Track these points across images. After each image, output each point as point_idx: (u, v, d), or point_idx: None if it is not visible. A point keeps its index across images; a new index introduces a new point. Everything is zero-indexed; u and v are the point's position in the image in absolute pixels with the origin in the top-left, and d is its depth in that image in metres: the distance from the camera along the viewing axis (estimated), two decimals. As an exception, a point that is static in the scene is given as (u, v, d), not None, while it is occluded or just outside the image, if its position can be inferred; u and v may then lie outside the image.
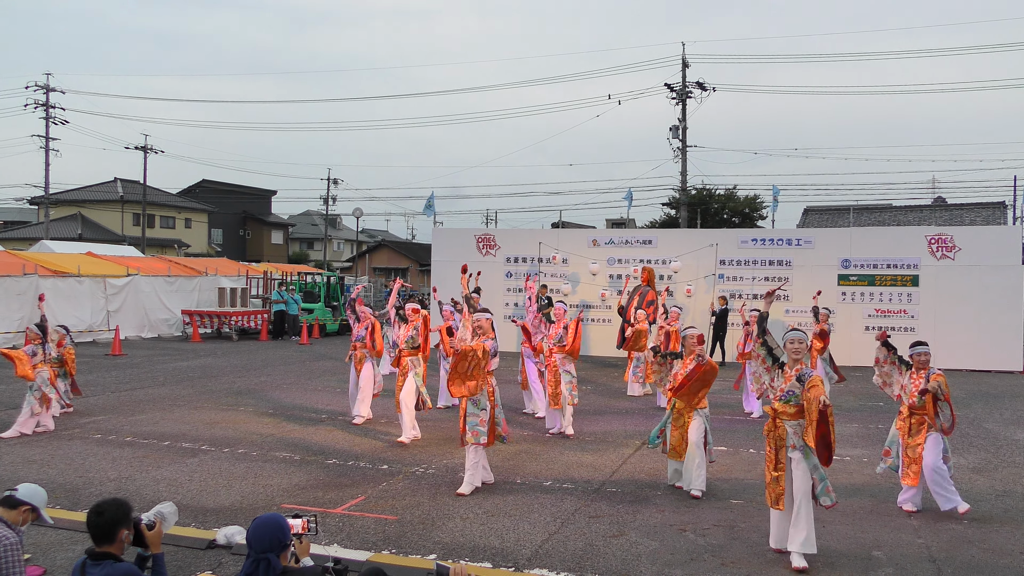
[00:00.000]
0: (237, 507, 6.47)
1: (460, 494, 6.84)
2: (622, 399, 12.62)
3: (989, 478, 7.76)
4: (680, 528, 6.06)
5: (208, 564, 5.20)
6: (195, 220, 51.11)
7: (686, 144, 30.70)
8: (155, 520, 3.65)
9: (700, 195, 39.93)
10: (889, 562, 5.38)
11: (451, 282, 19.52)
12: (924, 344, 6.76)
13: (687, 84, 30.21)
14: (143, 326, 22.53)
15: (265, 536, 3.23)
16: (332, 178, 49.16)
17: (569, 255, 19.28)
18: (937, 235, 17.36)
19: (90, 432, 9.39)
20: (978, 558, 5.49)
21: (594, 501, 6.79)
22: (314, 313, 25.13)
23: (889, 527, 6.12)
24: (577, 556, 5.42)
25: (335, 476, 7.51)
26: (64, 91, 37.68)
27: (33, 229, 42.87)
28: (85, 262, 21.95)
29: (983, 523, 6.26)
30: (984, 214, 34.19)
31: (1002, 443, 9.49)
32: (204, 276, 24.98)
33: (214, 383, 13.65)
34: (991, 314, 16.58)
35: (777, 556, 5.39)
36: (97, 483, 7.14)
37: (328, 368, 16.20)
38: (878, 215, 36.42)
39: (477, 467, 7.00)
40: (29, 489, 4.11)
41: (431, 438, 9.28)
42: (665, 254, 18.74)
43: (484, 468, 7.13)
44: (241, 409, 11.09)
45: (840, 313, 17.19)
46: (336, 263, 58.79)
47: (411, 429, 9.07)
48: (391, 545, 5.60)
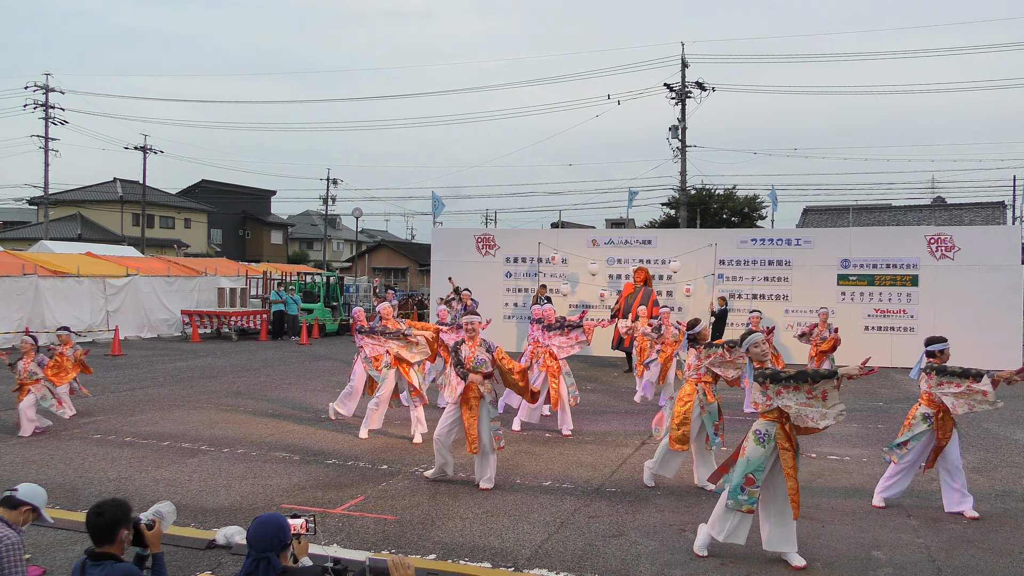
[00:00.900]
0: (237, 507, 6.47)
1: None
2: (622, 399, 12.62)
3: (989, 478, 7.76)
4: (680, 528, 6.06)
5: (208, 564, 5.20)
6: (194, 220, 51.10)
7: (685, 144, 30.72)
8: (154, 520, 3.66)
9: (700, 195, 39.96)
10: (888, 562, 5.38)
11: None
12: (943, 340, 6.75)
13: (686, 84, 30.22)
14: (143, 326, 22.53)
15: (265, 535, 3.23)
16: (331, 178, 49.17)
17: (568, 255, 19.28)
18: (936, 235, 17.36)
19: (90, 432, 9.39)
20: (978, 558, 5.49)
21: (594, 501, 6.79)
22: (313, 313, 25.12)
23: (888, 527, 6.12)
24: (577, 556, 5.42)
25: (335, 476, 7.51)
26: (63, 91, 37.73)
27: (32, 229, 42.87)
28: (84, 262, 21.95)
29: (983, 523, 6.26)
30: (983, 214, 34.21)
31: (1002, 443, 9.50)
32: (203, 276, 24.99)
33: (214, 383, 13.65)
34: (991, 314, 16.59)
35: (777, 556, 5.39)
36: (97, 483, 7.13)
37: (327, 368, 16.19)
38: (877, 215, 36.44)
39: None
40: (29, 489, 4.11)
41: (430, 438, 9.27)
42: (664, 254, 18.74)
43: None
44: (240, 409, 11.09)
45: (840, 313, 17.19)
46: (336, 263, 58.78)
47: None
48: (391, 545, 5.60)
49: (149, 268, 23.88)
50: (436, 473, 7.32)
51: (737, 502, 5.28)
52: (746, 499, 5.26)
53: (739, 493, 5.29)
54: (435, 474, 7.32)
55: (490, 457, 7.10)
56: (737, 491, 5.30)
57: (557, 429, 9.71)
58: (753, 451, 5.32)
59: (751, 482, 5.27)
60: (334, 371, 15.59)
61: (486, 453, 7.07)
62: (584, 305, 19.04)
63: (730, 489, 5.34)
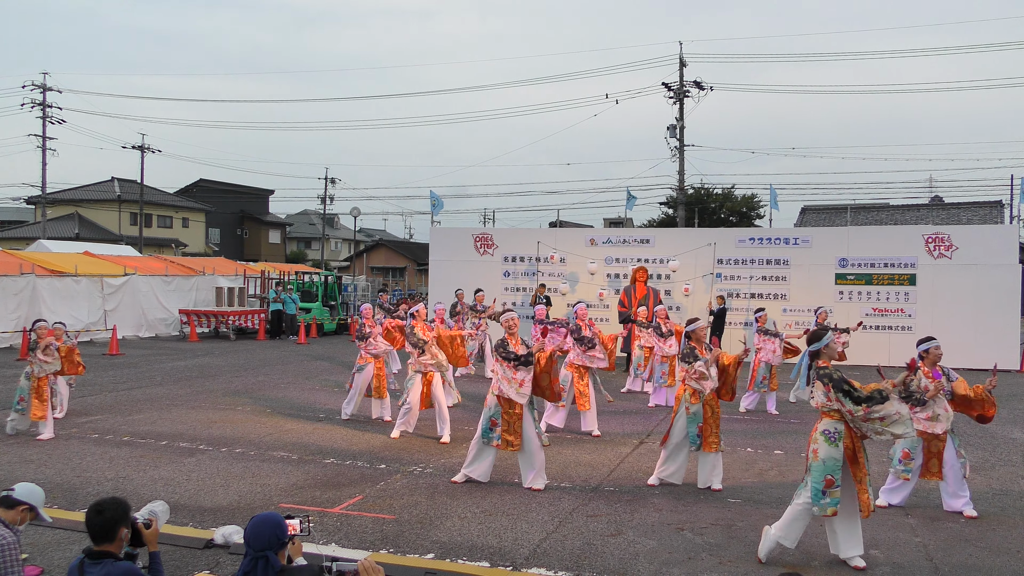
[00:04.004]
0: (235, 506, 6.47)
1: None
2: (620, 398, 12.62)
3: (986, 477, 7.77)
4: (678, 527, 6.06)
5: (206, 564, 5.19)
6: (192, 219, 51.04)
7: (683, 143, 30.72)
8: (151, 519, 3.66)
9: (698, 194, 39.98)
10: (886, 561, 5.38)
11: (449, 281, 19.54)
12: (933, 339, 6.88)
13: (684, 83, 30.22)
14: (140, 326, 22.51)
15: (264, 534, 3.23)
16: (330, 177, 49.08)
17: (567, 254, 19.28)
18: (934, 234, 17.38)
19: (87, 432, 9.38)
20: (975, 557, 5.50)
21: (592, 500, 6.79)
22: (312, 312, 25.10)
23: (886, 526, 6.13)
24: (575, 555, 5.42)
25: (333, 475, 7.50)
26: (61, 90, 37.65)
27: (30, 228, 42.82)
28: (82, 261, 21.93)
29: (980, 522, 6.27)
30: (981, 213, 34.24)
31: (999, 442, 9.51)
32: (201, 275, 24.96)
33: (211, 383, 13.64)
34: (988, 313, 16.61)
35: (777, 555, 5.39)
36: (94, 483, 7.13)
37: (326, 368, 16.19)
38: (875, 214, 36.47)
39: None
40: (26, 488, 4.11)
41: (429, 438, 9.28)
42: (663, 253, 18.74)
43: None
44: (239, 408, 11.08)
45: (837, 312, 17.19)
46: (334, 262, 58.77)
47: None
48: (389, 544, 5.60)
49: (147, 267, 23.86)
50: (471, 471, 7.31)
51: (821, 507, 5.14)
52: (829, 502, 5.14)
53: (821, 497, 5.15)
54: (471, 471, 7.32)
55: (538, 455, 7.10)
56: (819, 495, 5.15)
57: (584, 431, 9.69)
58: (827, 452, 5.19)
59: (831, 483, 5.14)
60: (332, 371, 15.58)
61: (532, 452, 7.08)
62: (583, 304, 18.99)
63: (811, 494, 5.17)
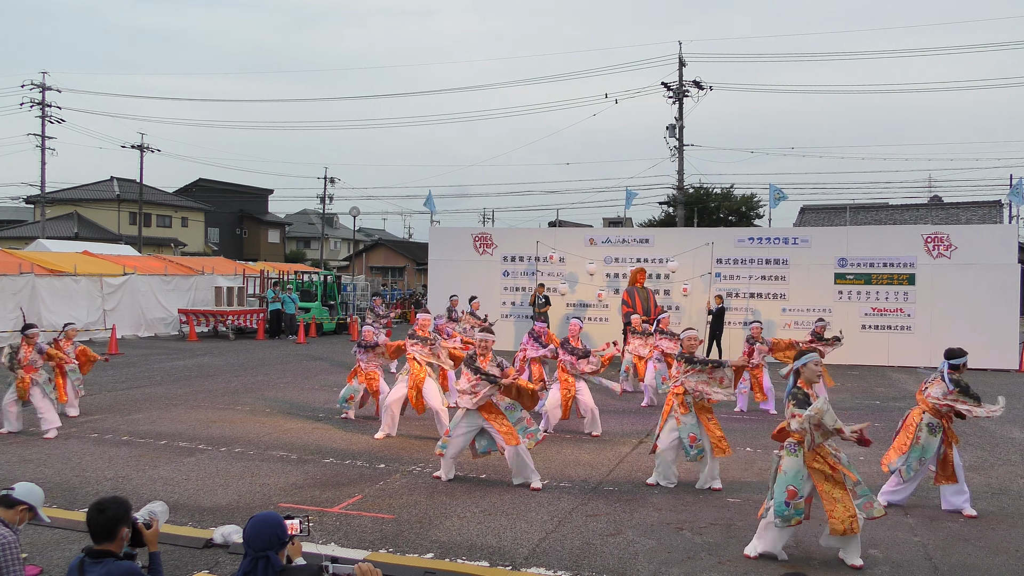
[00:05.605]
0: (234, 506, 6.47)
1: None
2: (619, 399, 12.61)
3: (985, 476, 7.78)
4: (677, 526, 6.07)
5: (205, 563, 5.20)
6: (192, 219, 51.02)
7: (683, 143, 30.73)
8: (151, 519, 3.66)
9: (697, 194, 39.98)
10: (885, 560, 5.39)
11: (448, 281, 19.56)
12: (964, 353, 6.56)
13: (684, 83, 30.22)
14: (139, 325, 22.51)
15: (263, 534, 3.23)
16: (329, 177, 49.08)
17: (566, 254, 19.28)
18: (933, 234, 17.40)
19: (87, 431, 9.38)
20: (974, 556, 5.50)
21: (591, 500, 6.80)
22: (311, 312, 25.10)
23: (885, 525, 6.13)
24: (574, 555, 5.43)
25: (332, 475, 7.51)
26: (60, 90, 37.59)
27: (29, 228, 42.79)
28: (81, 261, 21.93)
29: (979, 521, 6.28)
30: (980, 213, 34.27)
31: (998, 441, 9.52)
32: (201, 275, 24.97)
33: (211, 382, 13.64)
34: (987, 313, 16.63)
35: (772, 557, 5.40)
36: (94, 482, 7.13)
37: (325, 367, 16.19)
38: (875, 214, 36.50)
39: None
40: (26, 488, 4.11)
41: (428, 438, 9.28)
42: (662, 253, 18.74)
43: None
44: (238, 408, 11.08)
45: (836, 312, 17.24)
46: (333, 262, 58.77)
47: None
48: (388, 544, 5.60)
49: (146, 267, 23.86)
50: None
51: (784, 519, 5.17)
52: (793, 512, 5.16)
53: (784, 508, 5.18)
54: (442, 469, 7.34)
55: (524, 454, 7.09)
56: (782, 507, 5.18)
57: (585, 432, 9.71)
58: (788, 463, 5.25)
59: (793, 494, 5.18)
60: (331, 370, 15.58)
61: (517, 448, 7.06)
62: (582, 304, 19.06)
63: (774, 507, 5.21)
